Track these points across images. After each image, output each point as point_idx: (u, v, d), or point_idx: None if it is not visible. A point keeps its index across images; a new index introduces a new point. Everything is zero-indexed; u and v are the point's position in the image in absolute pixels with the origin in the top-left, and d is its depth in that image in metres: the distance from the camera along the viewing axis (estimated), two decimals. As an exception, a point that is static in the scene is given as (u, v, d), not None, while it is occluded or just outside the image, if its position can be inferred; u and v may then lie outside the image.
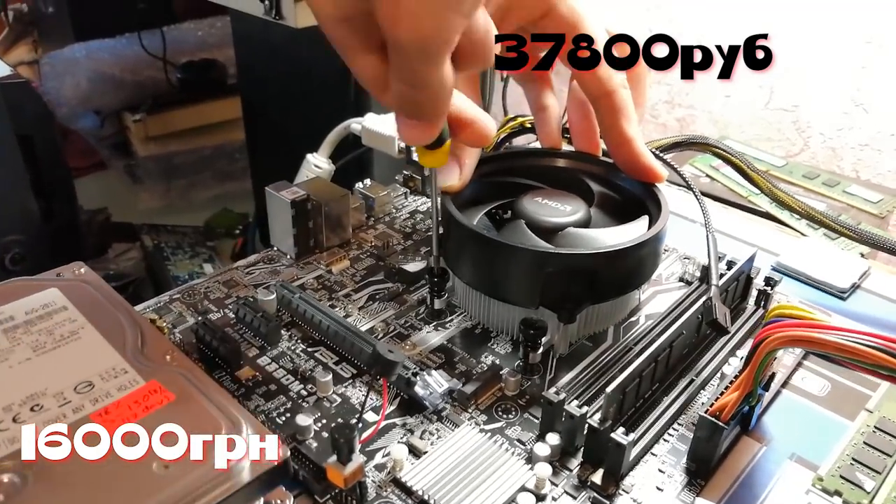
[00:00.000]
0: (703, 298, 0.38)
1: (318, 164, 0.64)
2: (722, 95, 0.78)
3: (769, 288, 0.45)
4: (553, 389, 0.35)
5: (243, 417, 0.29)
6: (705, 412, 0.34)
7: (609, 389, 0.33)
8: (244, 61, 0.86)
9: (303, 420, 0.35)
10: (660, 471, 0.35)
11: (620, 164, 0.43)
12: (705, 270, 0.46)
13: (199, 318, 0.42)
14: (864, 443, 0.36)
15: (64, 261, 0.45)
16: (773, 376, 0.37)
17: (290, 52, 0.78)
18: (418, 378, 0.37)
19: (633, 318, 0.45)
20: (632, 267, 0.39)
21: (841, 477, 0.35)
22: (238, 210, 1.05)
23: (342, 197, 0.49)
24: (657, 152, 0.47)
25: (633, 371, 0.34)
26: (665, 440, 0.36)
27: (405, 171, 0.59)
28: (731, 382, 0.35)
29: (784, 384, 0.41)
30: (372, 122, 0.59)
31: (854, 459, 0.36)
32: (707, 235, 0.42)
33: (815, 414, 0.39)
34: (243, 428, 0.28)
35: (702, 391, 0.39)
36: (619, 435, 0.33)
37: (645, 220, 0.42)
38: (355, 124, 0.61)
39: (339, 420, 0.36)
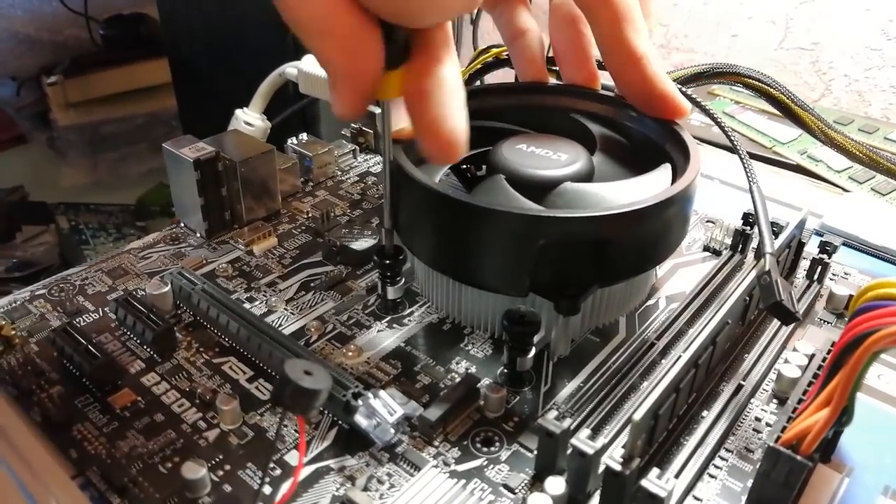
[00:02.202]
0: (756, 273, 0.28)
1: (248, 120, 0.52)
2: (728, 35, 0.67)
3: (826, 256, 0.34)
4: (552, 413, 0.24)
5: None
6: (776, 441, 0.23)
7: (637, 417, 0.22)
8: (167, 11, 0.73)
9: (192, 471, 0.24)
10: (708, 524, 0.24)
11: (629, 94, 0.32)
12: (738, 236, 0.36)
13: (61, 323, 0.30)
14: (982, 467, 0.26)
15: None
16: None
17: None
18: (360, 401, 0.26)
19: (651, 302, 0.34)
20: (655, 234, 0.29)
21: (961, 521, 0.24)
22: (177, 185, 0.91)
23: (265, 154, 0.37)
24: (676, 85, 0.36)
25: (669, 385, 0.23)
26: (711, 475, 0.26)
27: (353, 125, 0.47)
28: (805, 394, 0.25)
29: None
30: (311, 65, 0.47)
31: (973, 493, 0.25)
32: (750, 187, 0.32)
33: (904, 427, 0.29)
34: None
35: (752, 400, 0.29)
36: (653, 481, 0.22)
37: (667, 169, 0.31)
38: (291, 68, 0.49)
39: (250, 468, 0.25)
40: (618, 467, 0.22)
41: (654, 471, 0.22)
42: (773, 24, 0.64)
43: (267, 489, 0.25)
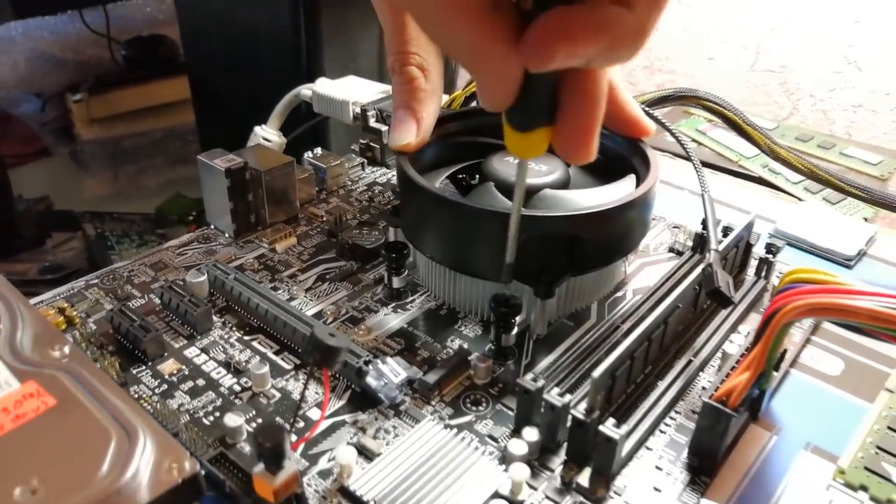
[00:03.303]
0: (702, 266, 0.33)
1: (267, 136, 0.58)
2: (705, 58, 0.73)
3: (771, 256, 0.39)
4: (529, 376, 0.29)
5: (142, 425, 0.23)
6: (709, 397, 0.28)
7: (596, 374, 0.27)
8: (189, 34, 0.79)
9: (232, 420, 0.29)
10: (657, 468, 0.29)
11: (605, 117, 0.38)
12: (698, 238, 0.41)
13: (117, 305, 0.36)
14: (889, 427, 0.32)
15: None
16: (784, 353, 0.32)
17: (235, 20, 0.71)
18: (371, 367, 0.31)
19: (619, 294, 0.39)
20: (618, 232, 0.34)
21: (865, 468, 0.30)
22: (192, 196, 0.97)
23: (286, 165, 0.43)
24: (643, 107, 0.41)
25: (624, 352, 0.29)
26: (661, 431, 0.31)
27: (362, 140, 0.53)
28: (738, 362, 0.30)
29: (792, 363, 0.36)
30: (323, 87, 0.53)
31: (879, 448, 0.31)
32: (703, 195, 0.37)
33: (830, 396, 0.34)
34: (140, 438, 0.22)
35: (701, 373, 0.34)
36: (609, 427, 0.27)
37: (631, 179, 0.37)
38: (305, 90, 0.55)
39: (277, 420, 0.31)
40: (581, 416, 0.28)
41: (611, 420, 0.28)
42: (746, 48, 0.70)
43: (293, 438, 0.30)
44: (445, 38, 0.24)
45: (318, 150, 0.50)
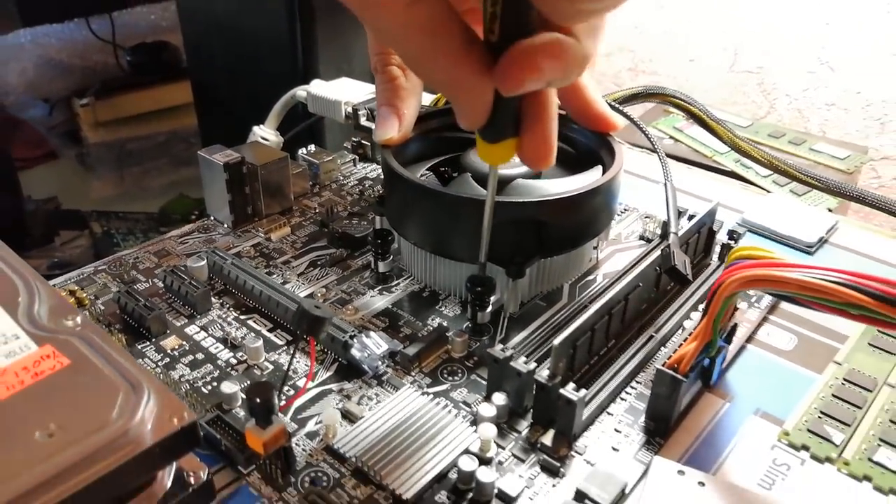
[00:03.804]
0: (661, 247, 0.36)
1: (265, 135, 0.61)
2: (686, 60, 0.76)
3: (733, 242, 0.42)
4: (499, 346, 0.32)
5: (146, 380, 0.26)
6: (662, 365, 0.31)
7: (556, 342, 0.30)
8: (192, 41, 0.82)
9: (228, 388, 0.32)
10: (616, 430, 0.32)
11: (572, 113, 0.41)
12: (666, 226, 0.44)
13: (123, 288, 0.39)
14: (833, 395, 0.34)
15: None
16: (734, 328, 0.34)
17: (235, 26, 0.74)
18: (355, 340, 0.34)
19: (590, 277, 0.42)
20: (583, 217, 0.37)
21: (808, 431, 0.32)
22: (194, 196, 1.01)
23: (280, 160, 0.46)
24: (612, 103, 0.44)
25: (584, 324, 0.32)
26: (622, 399, 0.34)
27: (354, 138, 0.56)
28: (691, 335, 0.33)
29: (749, 339, 0.38)
30: (317, 88, 0.56)
31: (822, 413, 0.33)
32: (665, 183, 0.40)
33: (782, 368, 0.37)
34: (144, 392, 0.25)
35: (663, 348, 0.37)
36: (569, 391, 0.30)
37: (598, 169, 0.40)
38: (301, 91, 0.58)
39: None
40: (543, 381, 0.31)
41: (571, 385, 0.30)
42: (724, 50, 0.73)
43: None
44: (429, 75, 0.27)
45: (312, 147, 0.53)
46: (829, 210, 0.50)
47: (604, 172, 0.39)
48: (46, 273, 0.83)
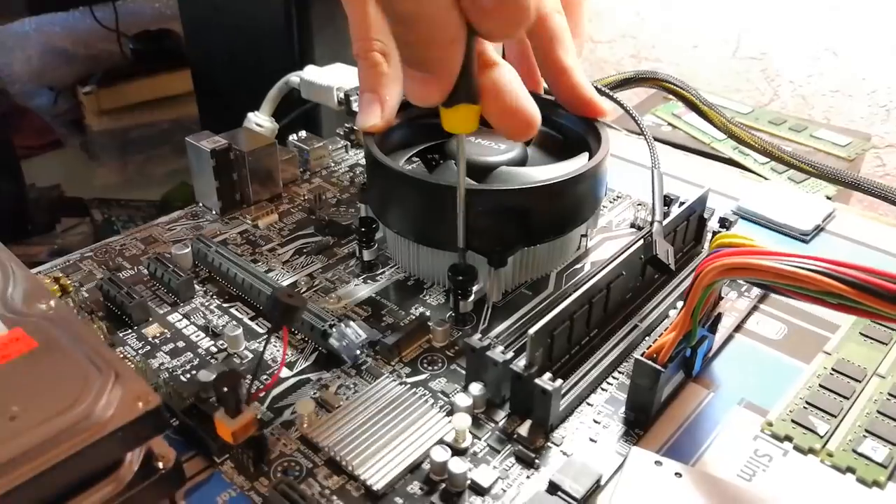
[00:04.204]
0: (644, 235, 0.35)
1: (259, 122, 0.60)
2: (689, 47, 0.75)
3: (724, 230, 0.42)
4: (477, 336, 0.32)
5: (113, 364, 0.26)
6: (641, 355, 0.31)
7: (532, 331, 0.30)
8: (191, 28, 0.82)
9: (205, 376, 0.32)
10: (595, 421, 0.32)
11: (559, 98, 0.40)
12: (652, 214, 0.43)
13: (107, 275, 0.39)
14: (820, 385, 0.34)
15: (9, 237, 0.42)
16: (719, 317, 0.34)
17: (233, 13, 0.74)
18: (335, 330, 0.34)
19: (577, 266, 0.42)
20: (567, 205, 0.36)
21: (792, 421, 0.32)
22: (197, 184, 1.00)
23: (268, 147, 0.46)
24: (602, 87, 0.44)
25: (562, 313, 0.31)
26: (603, 389, 0.33)
27: (346, 124, 0.55)
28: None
29: (738, 328, 0.38)
30: (310, 74, 0.56)
31: (808, 403, 0.33)
32: (652, 170, 0.39)
33: (770, 358, 0.36)
34: (111, 376, 0.25)
35: (647, 338, 0.36)
36: (544, 381, 0.30)
37: (585, 156, 0.39)
38: (294, 77, 0.57)
39: (248, 377, 0.33)
40: (519, 371, 0.30)
41: (547, 375, 0.30)
42: (728, 36, 0.72)
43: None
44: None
45: (303, 133, 0.53)
46: (828, 198, 0.49)
47: (589, 160, 0.39)
48: (47, 260, 0.83)
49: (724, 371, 0.35)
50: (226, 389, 0.26)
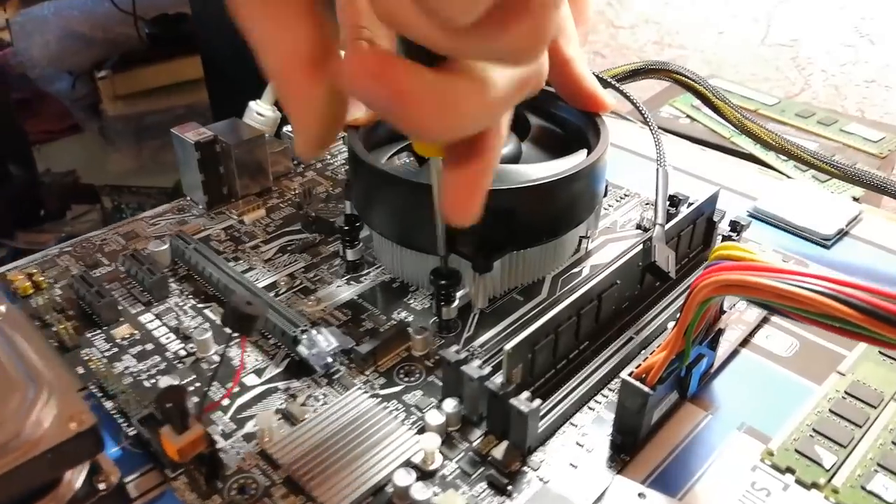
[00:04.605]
0: (643, 240, 0.33)
1: (261, 111, 0.58)
2: (715, 32, 0.71)
3: (735, 234, 0.38)
4: (454, 348, 0.30)
5: (53, 381, 0.24)
6: (629, 374, 0.28)
7: (508, 347, 0.27)
8: (199, 13, 0.80)
9: (167, 383, 0.31)
10: (578, 444, 0.29)
11: (560, 91, 0.37)
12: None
13: (79, 272, 0.37)
14: (830, 411, 0.31)
15: (21, 224, 0.41)
16: (720, 333, 0.31)
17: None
18: (305, 336, 0.32)
19: (576, 269, 0.39)
20: (560, 206, 0.34)
21: (796, 451, 0.29)
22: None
23: (257, 139, 0.44)
24: (607, 79, 0.41)
25: (545, 326, 0.29)
26: (591, 408, 0.31)
27: (345, 115, 0.53)
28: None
29: (744, 343, 0.35)
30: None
31: (815, 430, 0.30)
32: (657, 168, 0.36)
33: (777, 377, 0.33)
34: (45, 393, 0.24)
35: (644, 351, 0.34)
36: (521, 401, 0.27)
37: (582, 154, 0.36)
38: (294, 65, 0.55)
39: (216, 384, 0.32)
40: (494, 389, 0.28)
41: (525, 394, 0.28)
42: (756, 21, 0.68)
43: (226, 401, 0.31)
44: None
45: (298, 125, 0.51)
46: (856, 199, 0.46)
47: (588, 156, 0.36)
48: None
49: (724, 391, 0.32)
50: (169, 405, 0.24)
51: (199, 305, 0.36)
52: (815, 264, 0.40)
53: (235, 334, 0.27)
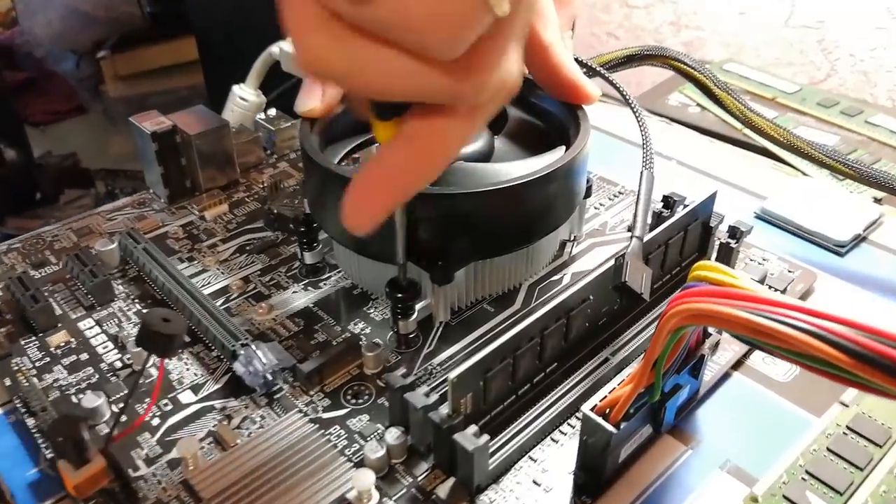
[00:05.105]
0: (617, 255, 0.29)
1: (244, 95, 0.55)
2: (735, 12, 0.66)
3: (733, 241, 0.35)
4: (400, 371, 0.27)
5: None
6: (592, 408, 0.25)
7: (453, 375, 0.24)
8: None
9: (90, 401, 0.28)
10: (535, 483, 0.26)
11: (539, 80, 0.34)
12: (656, 217, 0.37)
13: (21, 272, 0.35)
14: (829, 449, 0.27)
15: (15, 209, 0.39)
16: (702, 359, 0.27)
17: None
18: (243, 351, 0.29)
19: (556, 277, 0.36)
20: (529, 210, 0.30)
21: (784, 498, 0.25)
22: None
23: (220, 129, 0.41)
24: (596, 66, 0.37)
25: (499, 350, 0.25)
26: (554, 440, 0.28)
27: (325, 102, 0.50)
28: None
29: (737, 365, 0.31)
30: (291, 45, 0.50)
31: (808, 473, 0.26)
32: (641, 171, 0.33)
33: (772, 407, 0.29)
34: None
35: (619, 374, 0.30)
36: (466, 436, 0.24)
37: (560, 151, 0.33)
38: (275, 48, 0.52)
39: (147, 400, 0.29)
40: (437, 422, 0.25)
41: (472, 428, 0.25)
42: (780, 1, 0.63)
43: (156, 421, 0.28)
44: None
45: (273, 112, 0.48)
46: (877, 200, 0.42)
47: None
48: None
49: (709, 422, 0.29)
50: (61, 439, 0.22)
51: (145, 311, 0.34)
52: (826, 274, 0.36)
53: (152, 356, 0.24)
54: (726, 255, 0.35)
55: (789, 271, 0.36)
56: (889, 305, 0.35)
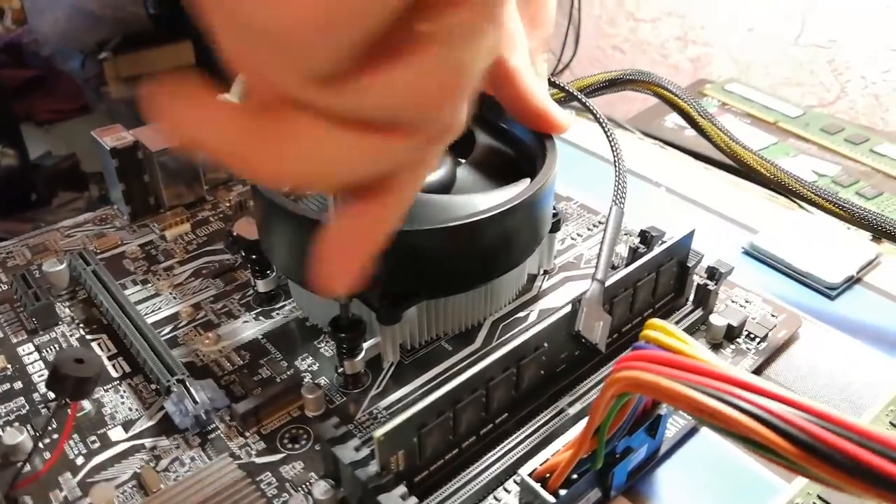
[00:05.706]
0: (574, 300, 0.27)
1: (231, 100, 0.55)
2: (744, 29, 0.63)
3: (711, 283, 0.32)
4: (333, 421, 0.25)
5: None
6: (531, 473, 0.23)
7: (379, 434, 0.22)
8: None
9: (11, 437, 0.27)
10: (472, 547, 0.24)
11: (507, 108, 0.32)
12: (632, 253, 0.34)
13: (-35, 292, 0.34)
14: (797, 521, 0.25)
15: (6, 210, 0.37)
16: (658, 420, 0.25)
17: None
18: (175, 389, 0.28)
19: (522, 313, 0.34)
20: (484, 248, 0.28)
21: (741, 577, 0.23)
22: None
23: (184, 145, 0.39)
24: (574, 91, 0.35)
25: (435, 404, 0.24)
26: (497, 499, 0.26)
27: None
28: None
29: (706, 419, 0.29)
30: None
31: (771, 548, 0.24)
32: (611, 206, 0.30)
33: (740, 469, 0.27)
34: None
35: (576, 426, 0.28)
36: (393, 498, 0.22)
37: (524, 183, 0.31)
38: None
39: (76, 440, 0.28)
40: (364, 479, 0.23)
41: (400, 489, 0.23)
42: (790, 18, 0.60)
43: (80, 460, 0.27)
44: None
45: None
46: (875, 238, 0.39)
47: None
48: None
49: (670, 484, 0.27)
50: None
51: (88, 337, 0.33)
52: (813, 318, 0.34)
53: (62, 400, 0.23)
54: (704, 298, 0.32)
55: (773, 315, 0.33)
56: (875, 354, 0.32)
